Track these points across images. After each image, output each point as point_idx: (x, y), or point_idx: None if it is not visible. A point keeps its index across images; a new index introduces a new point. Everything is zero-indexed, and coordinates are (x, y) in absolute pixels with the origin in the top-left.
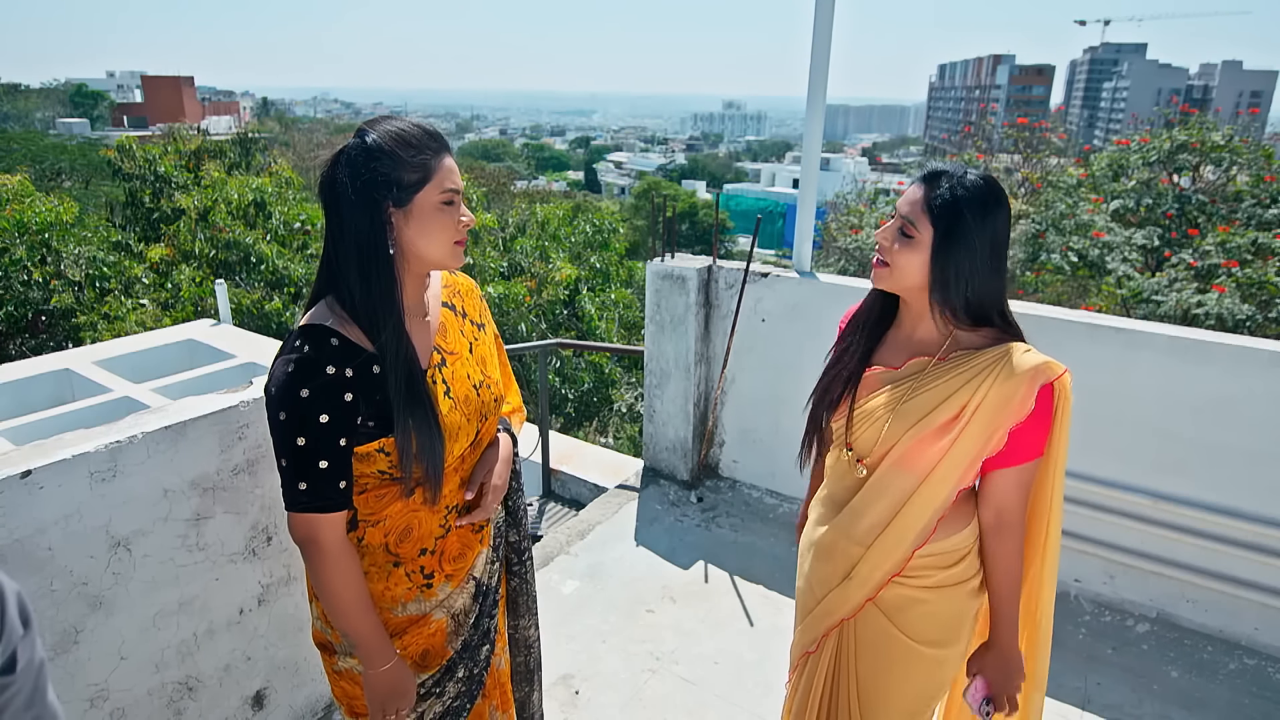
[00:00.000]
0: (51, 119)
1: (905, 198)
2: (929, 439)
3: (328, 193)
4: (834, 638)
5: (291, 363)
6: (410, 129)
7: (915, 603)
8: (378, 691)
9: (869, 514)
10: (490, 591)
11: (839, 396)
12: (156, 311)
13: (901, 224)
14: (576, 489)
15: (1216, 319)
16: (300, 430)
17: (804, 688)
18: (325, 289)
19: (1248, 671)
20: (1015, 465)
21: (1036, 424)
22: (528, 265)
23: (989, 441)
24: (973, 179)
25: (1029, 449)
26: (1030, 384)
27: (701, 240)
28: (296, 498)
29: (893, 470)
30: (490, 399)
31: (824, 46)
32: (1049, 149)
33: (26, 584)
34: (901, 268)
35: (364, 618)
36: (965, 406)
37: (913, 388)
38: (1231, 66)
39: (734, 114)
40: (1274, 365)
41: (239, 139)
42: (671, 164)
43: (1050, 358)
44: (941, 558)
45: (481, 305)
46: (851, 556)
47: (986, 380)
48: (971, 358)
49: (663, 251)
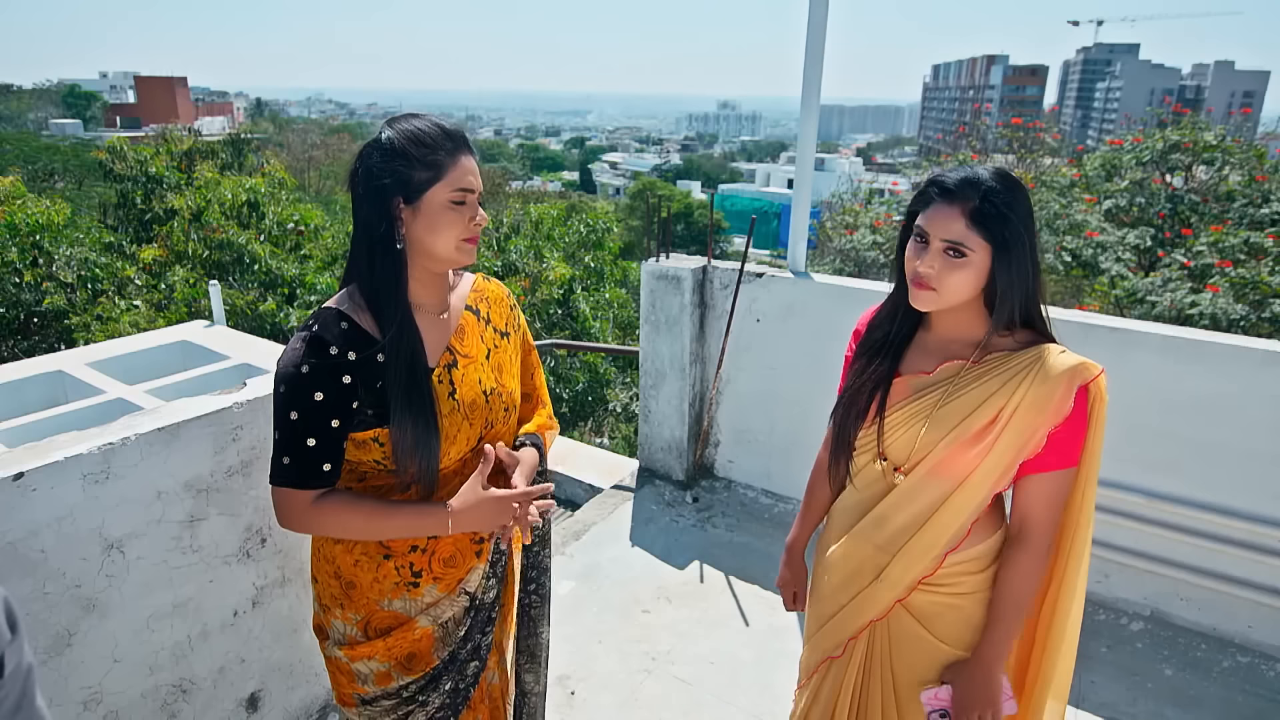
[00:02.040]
0: (44, 120)
1: (936, 219)
2: (966, 445)
3: (350, 186)
4: (863, 640)
5: (300, 340)
6: (429, 128)
7: (949, 609)
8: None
9: (896, 519)
10: (485, 608)
11: (867, 406)
12: (150, 313)
13: (946, 246)
14: (572, 489)
15: (1210, 319)
16: (294, 405)
17: (828, 693)
18: (350, 277)
19: (1241, 669)
20: (1049, 471)
21: (1073, 427)
22: (522, 265)
23: (1026, 445)
24: (998, 180)
25: (1065, 456)
26: (1069, 385)
27: (696, 240)
28: (279, 470)
29: (927, 478)
30: (500, 407)
31: (818, 47)
32: (1042, 149)
33: (19, 587)
34: (954, 289)
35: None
36: (1002, 410)
37: (947, 393)
38: (1224, 67)
39: (729, 114)
40: (1267, 364)
41: (232, 140)
42: (667, 164)
43: (1085, 358)
44: (974, 563)
45: (511, 315)
46: (879, 563)
47: (1023, 383)
48: (1006, 360)
49: (658, 252)
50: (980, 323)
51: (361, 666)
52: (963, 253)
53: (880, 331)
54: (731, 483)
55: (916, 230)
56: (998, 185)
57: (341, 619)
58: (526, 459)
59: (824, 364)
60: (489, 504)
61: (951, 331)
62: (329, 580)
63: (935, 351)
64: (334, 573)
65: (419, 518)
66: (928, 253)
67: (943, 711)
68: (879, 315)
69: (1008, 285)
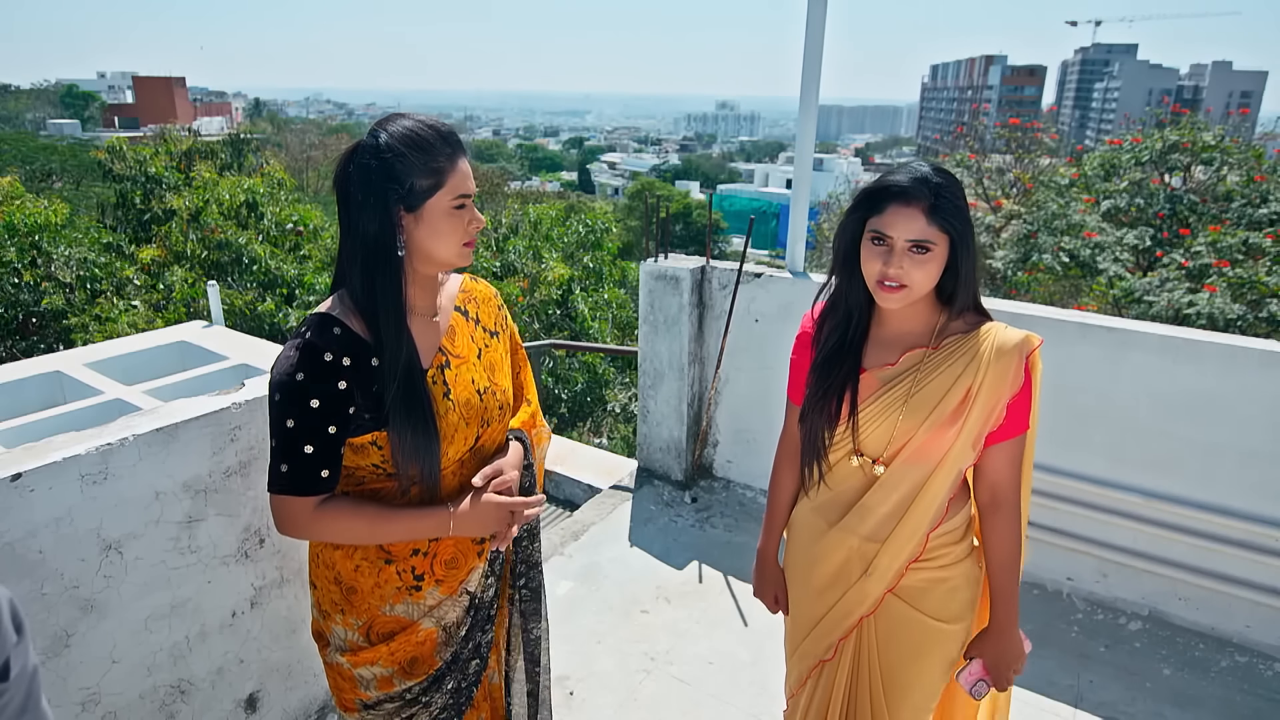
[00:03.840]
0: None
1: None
2: (943, 426)
3: (340, 189)
4: (852, 639)
5: (294, 347)
6: (425, 130)
7: (938, 583)
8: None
9: (881, 509)
10: (485, 606)
11: (838, 407)
12: (148, 313)
13: (911, 245)
14: (570, 490)
15: (1208, 319)
16: (290, 412)
17: (820, 698)
18: (341, 282)
19: (1239, 669)
20: (1009, 439)
21: (1024, 394)
22: (520, 265)
23: (990, 417)
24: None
25: (1020, 422)
26: (1020, 357)
27: (695, 241)
28: (276, 478)
29: (907, 464)
30: (494, 406)
31: (816, 47)
32: (1041, 149)
33: (17, 588)
34: (921, 284)
35: (396, 524)
36: (970, 388)
37: (917, 380)
38: (1222, 67)
39: (727, 115)
40: (1265, 364)
41: (231, 140)
42: (665, 164)
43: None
44: (953, 534)
45: (499, 314)
46: (866, 554)
47: (984, 360)
48: (963, 341)
49: (656, 252)
50: (932, 310)
51: (364, 672)
52: (927, 248)
53: (835, 336)
54: (730, 483)
55: (874, 234)
56: (945, 181)
57: (343, 625)
58: (513, 450)
59: None
60: (490, 508)
61: (907, 324)
62: (329, 586)
63: (894, 344)
64: (334, 578)
65: (420, 520)
66: (893, 255)
67: (982, 680)
68: (829, 320)
69: (965, 273)
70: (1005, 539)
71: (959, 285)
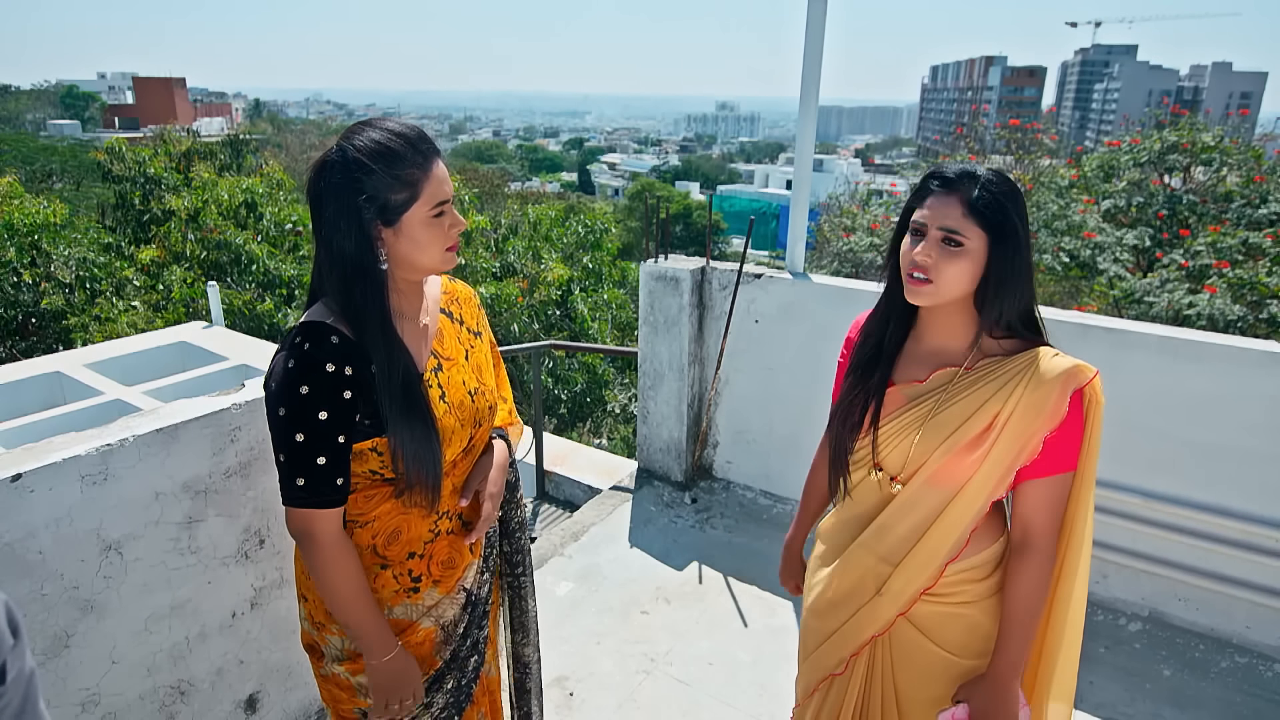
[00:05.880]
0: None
1: (934, 210)
2: (962, 453)
3: (312, 206)
4: (864, 656)
5: (292, 359)
6: (393, 140)
7: (953, 618)
8: (382, 683)
9: (897, 529)
10: (480, 602)
11: (861, 417)
12: (148, 313)
13: (943, 235)
14: (570, 490)
15: (1208, 319)
16: (299, 427)
17: (830, 711)
18: (320, 292)
19: (1239, 669)
20: (1048, 476)
21: (1070, 430)
22: (520, 266)
23: (1023, 451)
24: (995, 174)
25: (1063, 460)
26: (1063, 389)
27: (695, 241)
28: (294, 493)
29: (925, 487)
30: (485, 405)
31: (816, 48)
32: (1040, 150)
33: (17, 588)
34: (950, 280)
35: (363, 610)
36: (997, 417)
37: (941, 401)
38: (1221, 68)
39: (727, 115)
40: (1265, 365)
41: (230, 140)
42: (665, 165)
43: (1080, 360)
44: (975, 571)
45: (479, 314)
46: (880, 574)
47: (1018, 388)
48: (1000, 365)
49: (656, 253)
50: (970, 326)
51: (364, 679)
52: (959, 242)
53: (873, 340)
54: (730, 483)
55: (914, 225)
56: (995, 178)
57: (339, 634)
58: (499, 453)
59: (822, 365)
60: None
61: (943, 338)
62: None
63: (927, 359)
64: None
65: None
66: (925, 242)
67: None
68: (871, 320)
69: (1000, 280)
70: (1027, 585)
71: (990, 292)
